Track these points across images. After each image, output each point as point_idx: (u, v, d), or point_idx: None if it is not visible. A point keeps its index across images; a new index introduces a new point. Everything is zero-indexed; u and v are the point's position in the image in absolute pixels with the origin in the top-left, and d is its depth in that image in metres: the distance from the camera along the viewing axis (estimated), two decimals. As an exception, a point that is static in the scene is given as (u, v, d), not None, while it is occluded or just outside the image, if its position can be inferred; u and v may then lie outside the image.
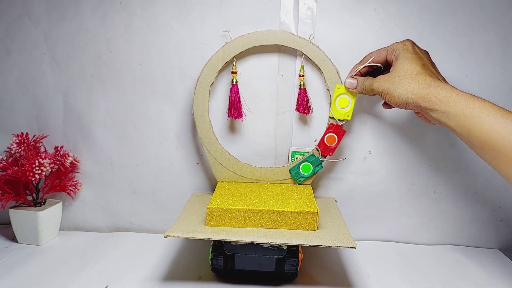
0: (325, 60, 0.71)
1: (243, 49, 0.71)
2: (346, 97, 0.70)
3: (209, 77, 0.71)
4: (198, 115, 0.72)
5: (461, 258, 0.76)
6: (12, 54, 0.78)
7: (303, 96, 0.73)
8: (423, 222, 0.80)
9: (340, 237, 0.58)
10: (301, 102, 0.73)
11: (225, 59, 0.71)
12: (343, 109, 0.71)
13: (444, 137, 0.76)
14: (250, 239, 0.57)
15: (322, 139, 0.72)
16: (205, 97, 0.72)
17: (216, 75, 0.71)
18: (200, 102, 0.72)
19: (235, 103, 0.73)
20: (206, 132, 0.73)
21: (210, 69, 0.71)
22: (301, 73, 0.72)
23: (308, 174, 0.73)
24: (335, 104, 0.71)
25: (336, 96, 0.70)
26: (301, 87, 0.73)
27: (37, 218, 0.74)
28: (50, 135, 0.80)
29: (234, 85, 0.73)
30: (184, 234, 0.57)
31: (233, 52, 0.71)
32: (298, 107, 0.74)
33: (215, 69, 0.71)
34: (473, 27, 0.71)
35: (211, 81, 0.71)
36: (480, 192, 0.78)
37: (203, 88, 0.71)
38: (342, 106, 0.71)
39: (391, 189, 0.79)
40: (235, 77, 0.72)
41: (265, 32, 0.70)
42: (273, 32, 0.70)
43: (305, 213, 0.60)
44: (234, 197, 0.65)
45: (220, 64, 0.71)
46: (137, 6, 0.74)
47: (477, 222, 0.80)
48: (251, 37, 0.70)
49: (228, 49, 0.71)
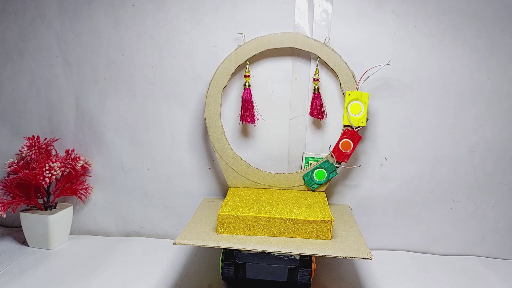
0: (341, 64, 0.69)
1: (256, 52, 0.70)
2: (358, 103, 0.68)
3: (221, 81, 0.70)
4: (210, 119, 0.71)
5: (481, 269, 0.73)
6: (25, 57, 0.78)
7: (318, 101, 0.71)
8: (441, 231, 0.77)
9: (355, 248, 0.56)
10: (315, 106, 0.71)
11: (238, 62, 0.70)
12: (356, 115, 0.69)
13: (464, 143, 0.73)
14: (261, 248, 0.55)
15: (337, 145, 0.70)
16: (217, 100, 0.70)
17: (228, 79, 0.70)
18: (212, 106, 0.71)
19: (247, 107, 0.71)
20: (218, 137, 0.71)
21: (222, 72, 0.70)
22: (315, 77, 0.71)
23: (322, 181, 0.71)
24: (348, 111, 0.69)
25: (348, 103, 0.69)
26: (315, 91, 0.71)
27: (48, 222, 0.73)
28: (62, 138, 0.79)
29: (247, 88, 0.71)
30: (194, 242, 0.56)
31: (246, 55, 0.70)
32: (312, 111, 0.72)
33: (228, 73, 0.70)
34: (495, 29, 0.69)
35: (223, 85, 0.70)
36: (501, 200, 0.76)
37: (215, 92, 0.70)
38: (355, 112, 0.69)
39: (408, 196, 0.76)
40: (248, 81, 0.71)
41: (278, 34, 0.69)
42: (287, 34, 0.69)
43: (318, 221, 0.58)
44: (246, 204, 0.63)
45: (233, 67, 0.70)
46: (149, 9, 0.74)
47: (498, 232, 0.77)
48: (264, 40, 0.69)
49: (241, 52, 0.70)
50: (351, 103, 0.69)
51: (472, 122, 0.73)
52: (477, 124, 0.73)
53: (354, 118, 0.69)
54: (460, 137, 0.73)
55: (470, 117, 0.72)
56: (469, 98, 0.72)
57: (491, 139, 0.73)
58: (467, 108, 0.72)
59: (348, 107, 0.69)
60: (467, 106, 0.72)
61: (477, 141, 0.73)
